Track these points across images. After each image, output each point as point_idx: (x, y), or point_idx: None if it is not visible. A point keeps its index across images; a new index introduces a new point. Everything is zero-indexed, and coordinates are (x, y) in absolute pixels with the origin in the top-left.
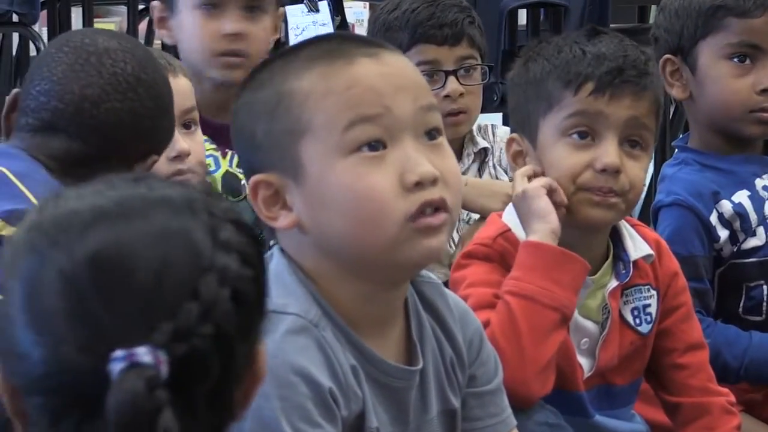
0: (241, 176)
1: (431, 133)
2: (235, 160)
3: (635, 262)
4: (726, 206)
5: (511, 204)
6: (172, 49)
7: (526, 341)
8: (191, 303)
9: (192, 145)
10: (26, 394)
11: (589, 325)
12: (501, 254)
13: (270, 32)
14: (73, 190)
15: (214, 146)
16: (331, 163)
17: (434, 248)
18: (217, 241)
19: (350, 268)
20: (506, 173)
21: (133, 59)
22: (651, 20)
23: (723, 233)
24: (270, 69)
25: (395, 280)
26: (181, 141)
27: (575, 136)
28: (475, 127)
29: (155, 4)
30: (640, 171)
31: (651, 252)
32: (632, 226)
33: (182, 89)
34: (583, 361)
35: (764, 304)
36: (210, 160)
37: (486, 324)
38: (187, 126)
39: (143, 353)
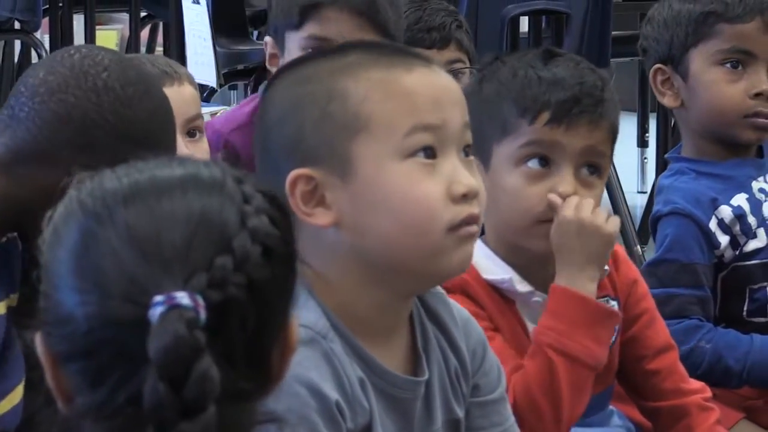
0: None
1: (466, 150)
2: None
3: None
4: (726, 211)
5: None
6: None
7: (566, 400)
8: (225, 256)
9: (196, 152)
10: (67, 360)
11: None
12: (461, 286)
13: None
14: (110, 170)
15: None
16: (386, 164)
17: (467, 257)
18: (248, 207)
19: (379, 273)
20: None
21: (120, 74)
22: None
23: (723, 239)
24: (314, 65)
25: (420, 288)
26: (184, 149)
27: (530, 163)
28: None
29: (268, 39)
30: (595, 198)
31: (605, 267)
32: None
33: (187, 97)
34: None
35: None
36: None
37: None
38: (191, 134)
39: (182, 296)
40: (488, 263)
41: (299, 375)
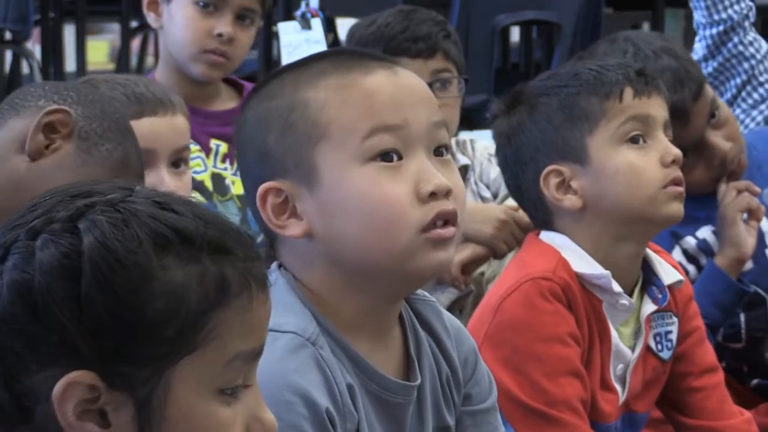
0: (225, 174)
1: (439, 150)
2: (220, 153)
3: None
4: (690, 242)
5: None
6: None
7: None
8: None
9: (179, 185)
10: None
11: (626, 351)
12: (563, 289)
13: (252, 41)
14: None
15: (198, 147)
16: (348, 169)
17: (444, 260)
18: None
19: (356, 279)
20: (488, 188)
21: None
22: None
23: (690, 267)
24: (280, 80)
25: (400, 291)
26: (167, 181)
27: (630, 141)
28: (453, 142)
29: None
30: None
31: (681, 278)
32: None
33: (178, 128)
34: (618, 388)
35: (743, 331)
36: (198, 162)
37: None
38: (176, 165)
39: None
40: (582, 262)
41: (289, 383)
